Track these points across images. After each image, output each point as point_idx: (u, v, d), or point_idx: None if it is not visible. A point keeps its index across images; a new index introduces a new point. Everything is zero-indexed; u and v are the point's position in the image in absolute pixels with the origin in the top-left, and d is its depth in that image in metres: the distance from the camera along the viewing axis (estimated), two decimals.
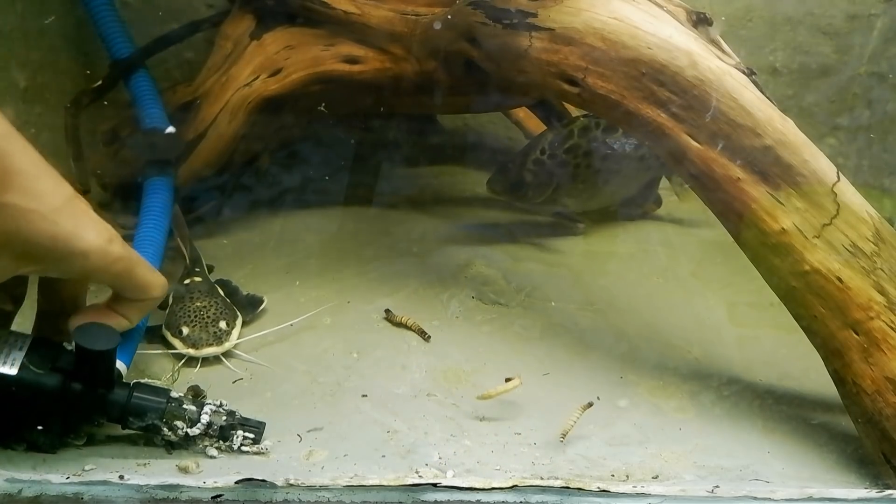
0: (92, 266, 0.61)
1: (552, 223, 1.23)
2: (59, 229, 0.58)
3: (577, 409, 0.72)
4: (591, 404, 0.73)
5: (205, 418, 0.66)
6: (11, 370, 0.61)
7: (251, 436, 0.67)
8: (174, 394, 0.67)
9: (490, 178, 1.18)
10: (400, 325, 0.90)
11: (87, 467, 0.62)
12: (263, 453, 0.67)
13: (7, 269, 0.58)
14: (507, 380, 0.75)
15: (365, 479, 0.61)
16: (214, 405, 0.67)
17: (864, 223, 0.71)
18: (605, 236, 1.21)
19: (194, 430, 0.66)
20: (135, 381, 0.68)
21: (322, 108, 1.09)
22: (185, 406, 0.66)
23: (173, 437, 0.65)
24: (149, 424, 0.65)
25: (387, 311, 0.92)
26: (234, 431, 0.67)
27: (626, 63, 0.77)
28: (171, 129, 0.98)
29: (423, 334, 0.88)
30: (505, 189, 1.17)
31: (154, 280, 0.67)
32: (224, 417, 0.67)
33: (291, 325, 0.88)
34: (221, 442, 0.67)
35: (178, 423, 0.65)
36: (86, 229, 0.60)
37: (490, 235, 1.17)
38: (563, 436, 0.70)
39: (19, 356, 0.62)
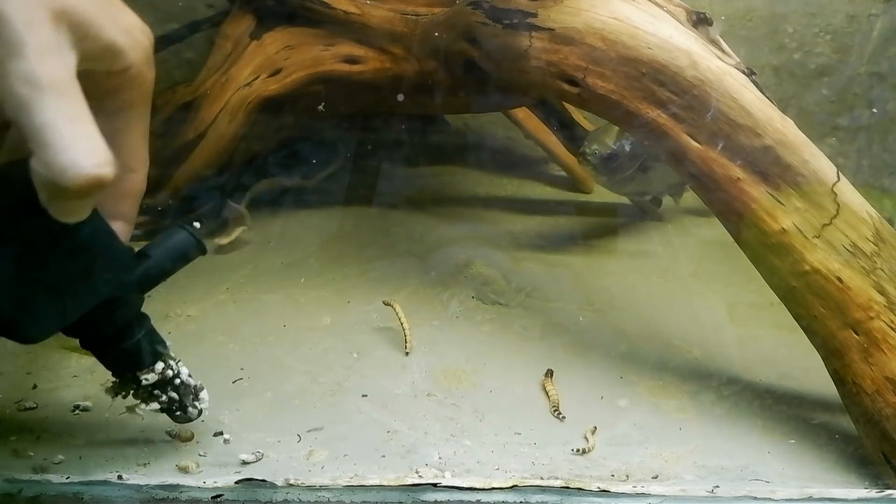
0: (130, 60, 0.51)
1: (552, 223, 1.23)
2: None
3: (589, 433, 0.72)
4: (595, 428, 0.73)
5: (184, 370, 0.65)
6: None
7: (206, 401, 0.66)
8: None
9: (582, 148, 1.13)
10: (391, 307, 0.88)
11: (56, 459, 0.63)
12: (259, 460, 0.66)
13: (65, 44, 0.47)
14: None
15: (365, 479, 0.61)
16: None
17: (864, 223, 0.71)
18: (605, 236, 1.21)
19: (189, 379, 0.64)
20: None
21: (321, 108, 1.09)
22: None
23: (154, 377, 0.62)
24: (155, 352, 0.62)
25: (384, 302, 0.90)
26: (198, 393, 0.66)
27: (626, 63, 0.77)
28: None
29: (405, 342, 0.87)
30: (600, 160, 1.10)
31: (144, 149, 0.57)
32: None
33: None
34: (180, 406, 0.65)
35: (172, 363, 0.63)
36: (125, 10, 0.52)
37: (490, 235, 1.17)
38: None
39: None
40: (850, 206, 0.71)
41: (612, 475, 0.67)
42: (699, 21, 0.79)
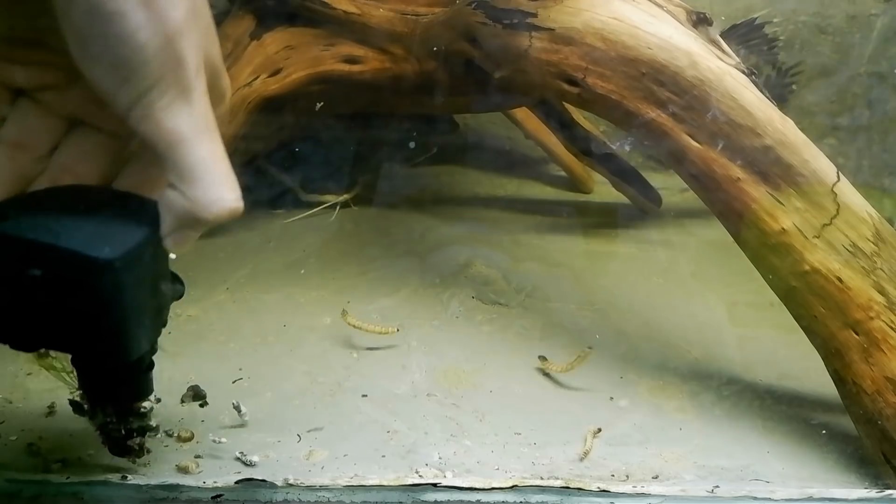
0: (224, 111, 0.54)
1: (552, 223, 1.23)
2: (219, 49, 0.52)
3: (589, 435, 0.72)
4: (599, 430, 0.73)
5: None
6: None
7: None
8: None
9: None
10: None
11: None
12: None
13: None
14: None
15: (365, 479, 0.61)
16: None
17: (864, 223, 0.71)
18: (605, 236, 1.21)
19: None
20: None
21: (318, 108, 1.09)
22: None
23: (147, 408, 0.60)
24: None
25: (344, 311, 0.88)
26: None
27: (626, 63, 0.77)
28: None
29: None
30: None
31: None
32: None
33: None
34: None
35: (153, 398, 0.61)
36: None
37: (490, 235, 1.17)
38: (585, 454, 0.70)
39: None
40: (850, 206, 0.71)
41: (612, 475, 0.67)
42: (699, 21, 0.79)
